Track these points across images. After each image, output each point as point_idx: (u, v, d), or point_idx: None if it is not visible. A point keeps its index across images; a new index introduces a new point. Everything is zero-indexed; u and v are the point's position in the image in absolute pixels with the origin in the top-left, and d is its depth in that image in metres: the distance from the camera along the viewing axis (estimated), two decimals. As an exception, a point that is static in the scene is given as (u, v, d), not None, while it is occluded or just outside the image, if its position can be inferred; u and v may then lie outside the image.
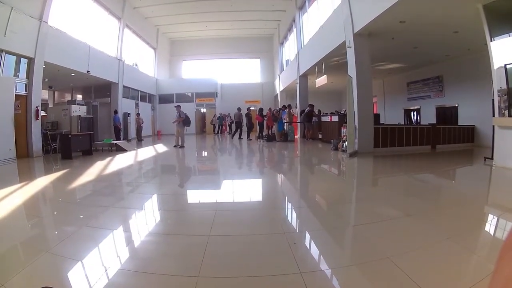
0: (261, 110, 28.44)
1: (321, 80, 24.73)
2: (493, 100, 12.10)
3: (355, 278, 3.87)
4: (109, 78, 28.23)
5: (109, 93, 30.01)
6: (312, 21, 27.07)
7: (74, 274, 3.86)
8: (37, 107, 17.57)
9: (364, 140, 16.25)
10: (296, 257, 4.23)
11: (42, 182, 10.63)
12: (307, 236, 5.33)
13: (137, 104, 35.64)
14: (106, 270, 3.93)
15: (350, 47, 16.60)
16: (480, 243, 5.05)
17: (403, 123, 27.30)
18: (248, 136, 28.66)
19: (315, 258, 4.49)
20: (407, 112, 30.08)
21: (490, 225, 5.95)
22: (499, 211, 6.65)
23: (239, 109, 29.53)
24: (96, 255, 4.45)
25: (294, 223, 6.22)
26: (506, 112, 11.31)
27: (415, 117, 29.21)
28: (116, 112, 27.78)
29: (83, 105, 23.90)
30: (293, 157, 17.80)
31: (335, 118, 22.28)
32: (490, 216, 6.45)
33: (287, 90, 39.66)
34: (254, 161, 16.72)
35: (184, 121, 21.74)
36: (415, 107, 28.68)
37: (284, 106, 28.69)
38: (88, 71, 23.69)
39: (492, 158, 12.26)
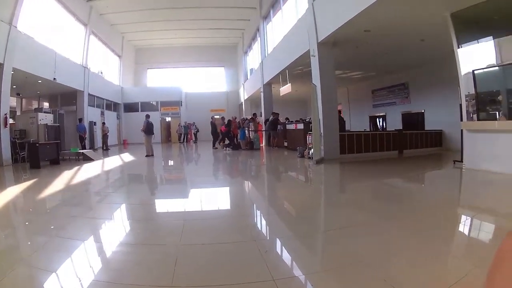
0: (229, 122, 28.34)
1: (286, 89, 24.89)
2: (460, 105, 12.48)
3: (330, 283, 3.88)
4: (75, 86, 27.92)
5: (75, 101, 29.68)
6: (277, 30, 27.32)
7: (49, 286, 3.77)
8: (5, 114, 17.26)
9: (330, 147, 16.36)
10: (269, 264, 4.22)
11: (12, 191, 10.44)
12: (279, 243, 5.34)
13: (102, 113, 35.24)
14: (80, 281, 3.84)
15: (314, 56, 16.80)
16: (455, 244, 5.15)
17: (368, 130, 27.61)
18: (213, 145, 28.62)
19: (288, 264, 4.49)
20: (373, 119, 30.63)
21: (464, 226, 6.09)
22: (472, 212, 6.87)
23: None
24: (70, 266, 4.34)
25: (264, 231, 6.22)
26: (475, 116, 11.71)
27: (380, 124, 29.72)
28: (80, 120, 27.43)
29: (49, 113, 23.53)
30: (259, 165, 17.86)
31: (300, 126, 22.48)
32: (464, 217, 6.62)
33: (252, 99, 39.92)
34: (221, 170, 16.75)
35: (145, 130, 21.54)
36: (381, 114, 29.20)
37: (252, 118, 28.71)
38: (54, 79, 23.27)
39: (461, 161, 12.61)
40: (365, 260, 4.24)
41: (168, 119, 44.66)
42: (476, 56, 11.64)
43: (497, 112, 11.37)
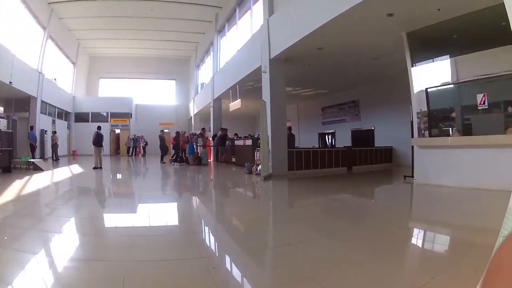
0: (177, 134, 28.25)
1: (235, 104, 24.94)
2: (411, 122, 12.81)
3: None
4: (29, 91, 27.03)
5: (28, 107, 28.64)
6: (230, 45, 27.50)
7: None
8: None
9: (278, 163, 16.41)
10: (217, 281, 4.15)
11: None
12: (227, 259, 5.27)
13: (54, 121, 34.22)
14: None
15: (266, 72, 16.91)
16: (408, 258, 5.24)
17: (317, 147, 27.75)
18: (161, 159, 28.27)
19: (237, 280, 4.45)
20: (322, 136, 31.14)
21: (417, 239, 6.22)
22: (424, 225, 7.06)
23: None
24: (23, 280, 4.19)
25: (212, 247, 6.13)
26: (427, 132, 12.12)
27: (329, 141, 30.21)
28: (31, 128, 26.41)
29: (3, 118, 22.71)
30: (207, 181, 17.76)
31: (249, 142, 22.63)
32: (416, 231, 6.78)
33: (201, 114, 39.93)
34: (168, 185, 16.53)
35: (94, 141, 21.21)
36: (330, 131, 29.72)
37: (200, 133, 28.60)
38: (10, 82, 22.60)
39: (412, 176, 12.89)
40: (314, 276, 4.23)
41: (117, 131, 43.97)
42: (430, 75, 12.09)
43: (450, 128, 11.87)
